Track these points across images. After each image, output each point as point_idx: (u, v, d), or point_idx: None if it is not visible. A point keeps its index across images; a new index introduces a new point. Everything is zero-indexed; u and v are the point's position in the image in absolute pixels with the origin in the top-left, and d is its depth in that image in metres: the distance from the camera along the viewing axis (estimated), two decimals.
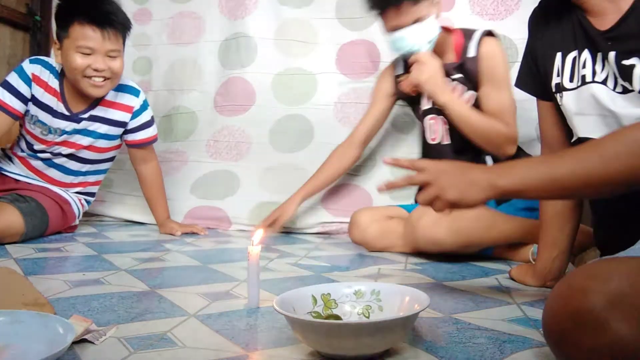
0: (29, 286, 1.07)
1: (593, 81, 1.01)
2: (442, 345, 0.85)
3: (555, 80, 1.10)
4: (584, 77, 1.03)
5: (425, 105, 1.77)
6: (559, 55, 1.09)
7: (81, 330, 0.80)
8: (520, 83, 1.23)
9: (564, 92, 1.07)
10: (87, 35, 1.67)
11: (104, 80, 1.74)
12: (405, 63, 1.80)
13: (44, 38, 2.60)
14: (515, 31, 2.00)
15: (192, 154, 2.29)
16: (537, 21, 1.17)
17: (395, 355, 0.80)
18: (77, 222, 1.95)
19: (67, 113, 1.80)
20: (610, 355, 0.61)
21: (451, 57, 1.72)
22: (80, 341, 0.81)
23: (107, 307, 1.02)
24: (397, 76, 1.84)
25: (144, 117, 1.93)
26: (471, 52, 1.67)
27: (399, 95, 1.87)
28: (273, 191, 2.15)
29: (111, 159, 2.00)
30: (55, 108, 1.79)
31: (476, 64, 1.66)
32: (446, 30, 1.73)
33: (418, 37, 1.63)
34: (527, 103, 1.54)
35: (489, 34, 1.69)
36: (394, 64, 1.89)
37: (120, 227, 2.11)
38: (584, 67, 1.03)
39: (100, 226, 2.12)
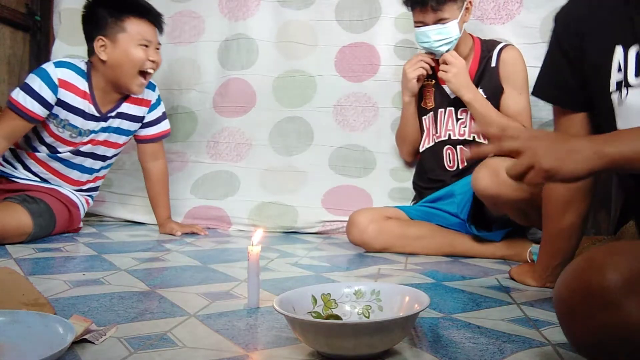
0: (29, 286, 1.07)
1: None
2: (442, 345, 0.85)
3: (616, 76, 0.97)
4: None
5: (442, 135, 1.85)
6: (619, 49, 0.96)
7: (81, 330, 0.80)
8: (541, 92, 1.14)
9: (630, 89, 0.94)
10: (145, 29, 1.77)
11: (152, 72, 1.82)
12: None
13: (44, 38, 2.60)
14: (517, 36, 2.01)
15: (193, 154, 2.29)
16: (577, 19, 1.05)
17: (395, 355, 0.80)
18: (81, 224, 1.96)
19: (97, 114, 1.82)
20: (619, 335, 0.60)
21: (469, 67, 1.82)
22: (80, 341, 0.81)
23: (107, 307, 1.02)
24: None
25: (159, 111, 1.98)
26: (493, 63, 1.80)
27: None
28: (273, 192, 2.15)
29: (117, 154, 2.02)
30: (86, 111, 1.80)
31: (497, 71, 1.79)
32: (469, 36, 1.86)
33: (438, 36, 1.74)
34: None
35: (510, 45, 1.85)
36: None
37: (120, 228, 2.11)
38: None
39: (100, 226, 2.12)
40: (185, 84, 2.35)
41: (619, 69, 0.96)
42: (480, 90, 1.78)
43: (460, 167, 1.82)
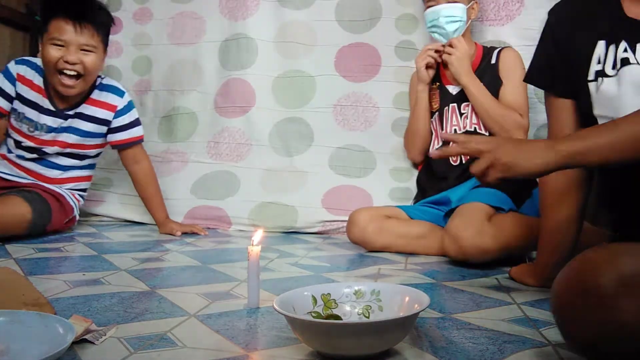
0: (29, 286, 1.07)
1: (637, 63, 1.00)
2: (442, 345, 0.85)
3: (595, 67, 1.07)
4: (625, 59, 1.01)
5: (448, 131, 1.89)
6: (601, 43, 1.06)
7: (81, 330, 0.80)
8: (533, 78, 1.21)
9: (605, 79, 1.05)
10: (61, 28, 1.73)
11: (76, 77, 1.78)
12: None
13: None
14: (516, 37, 2.01)
15: (193, 154, 2.29)
16: (568, 13, 1.15)
17: (395, 355, 0.80)
18: (76, 214, 1.96)
19: (52, 109, 1.86)
20: (616, 335, 0.61)
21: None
22: (80, 341, 0.81)
23: (107, 307, 1.02)
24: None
25: (128, 118, 1.96)
26: (493, 60, 1.87)
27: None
28: (273, 192, 2.15)
29: (97, 155, 2.03)
30: (40, 104, 1.85)
31: (497, 67, 1.85)
32: (473, 43, 1.93)
33: (446, 12, 1.83)
34: None
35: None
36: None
37: (120, 227, 2.11)
38: (625, 51, 1.02)
39: (100, 226, 2.12)
40: (186, 84, 2.35)
41: (599, 62, 1.06)
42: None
43: (464, 162, 1.84)
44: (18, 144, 1.89)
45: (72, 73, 1.76)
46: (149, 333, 0.88)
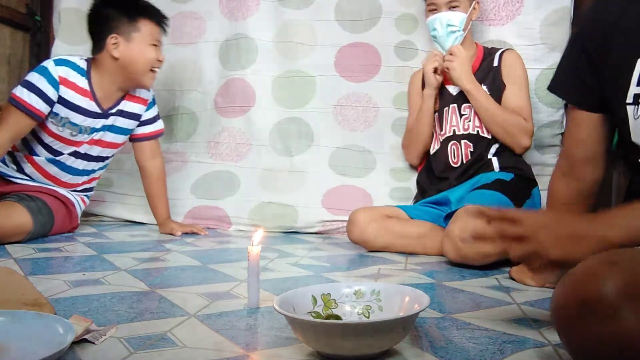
0: (29, 286, 1.07)
1: None
2: (442, 345, 0.85)
3: (634, 89, 0.96)
4: None
5: (447, 132, 1.88)
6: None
7: (81, 330, 0.80)
8: (557, 88, 1.14)
9: None
10: (156, 30, 1.86)
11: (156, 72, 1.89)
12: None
13: (44, 38, 2.60)
14: (516, 37, 2.01)
15: (193, 154, 2.29)
16: (605, 18, 1.02)
17: (395, 355, 0.80)
18: (78, 221, 1.97)
19: (99, 111, 1.85)
20: (617, 345, 0.60)
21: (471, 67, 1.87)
22: (80, 341, 0.81)
23: (107, 307, 1.02)
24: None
25: (155, 110, 2.03)
26: (495, 63, 1.87)
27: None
28: (273, 192, 2.15)
29: (113, 155, 2.04)
30: (87, 107, 1.82)
31: (500, 70, 1.85)
32: (474, 43, 1.93)
33: (447, 21, 1.83)
34: None
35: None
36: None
37: (120, 227, 2.11)
38: None
39: (100, 226, 2.12)
40: (187, 84, 2.35)
41: (638, 83, 0.95)
42: (484, 87, 1.83)
43: (464, 162, 1.84)
44: (49, 148, 1.82)
45: (157, 71, 1.88)
46: (149, 333, 0.87)
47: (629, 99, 0.96)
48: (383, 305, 0.90)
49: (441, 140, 1.90)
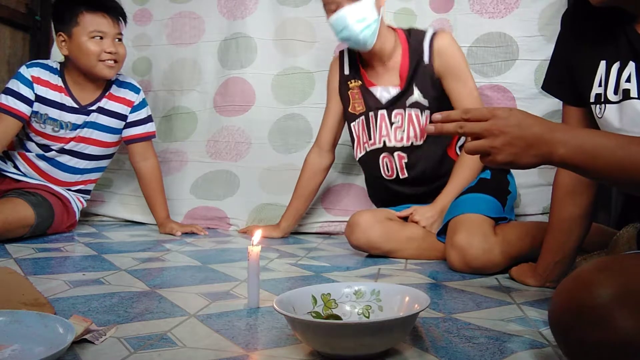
0: (29, 286, 1.07)
1: (638, 97, 0.91)
2: (442, 345, 0.85)
3: (596, 90, 1.00)
4: (627, 91, 0.93)
5: (377, 142, 1.75)
6: (603, 63, 0.99)
7: (81, 330, 0.80)
8: (549, 87, 1.17)
9: (607, 105, 0.97)
10: (98, 21, 1.81)
11: (114, 62, 1.85)
12: (351, 58, 1.81)
13: (44, 38, 2.59)
14: (516, 29, 2.00)
15: (192, 154, 2.29)
16: (576, 24, 1.07)
17: (395, 355, 0.80)
18: (77, 218, 1.99)
19: (75, 106, 1.89)
20: (614, 351, 0.60)
21: (395, 80, 1.72)
22: (80, 341, 0.81)
23: (107, 307, 1.02)
24: (347, 78, 1.82)
25: (143, 114, 2.02)
26: (426, 59, 1.68)
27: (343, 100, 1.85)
28: (272, 192, 2.15)
29: (111, 156, 2.06)
30: (63, 102, 1.87)
31: (432, 67, 1.67)
32: (390, 29, 1.74)
33: (355, 17, 1.60)
34: None
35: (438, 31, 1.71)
36: (341, 58, 1.86)
37: (120, 227, 2.11)
38: (627, 80, 0.93)
39: (100, 226, 2.12)
40: (186, 84, 2.35)
41: (600, 84, 0.99)
42: (416, 89, 1.69)
43: (400, 177, 1.74)
44: (41, 146, 1.90)
45: (112, 63, 1.84)
46: (149, 333, 0.87)
47: (592, 99, 1.01)
48: (383, 305, 0.90)
49: (368, 149, 1.78)
